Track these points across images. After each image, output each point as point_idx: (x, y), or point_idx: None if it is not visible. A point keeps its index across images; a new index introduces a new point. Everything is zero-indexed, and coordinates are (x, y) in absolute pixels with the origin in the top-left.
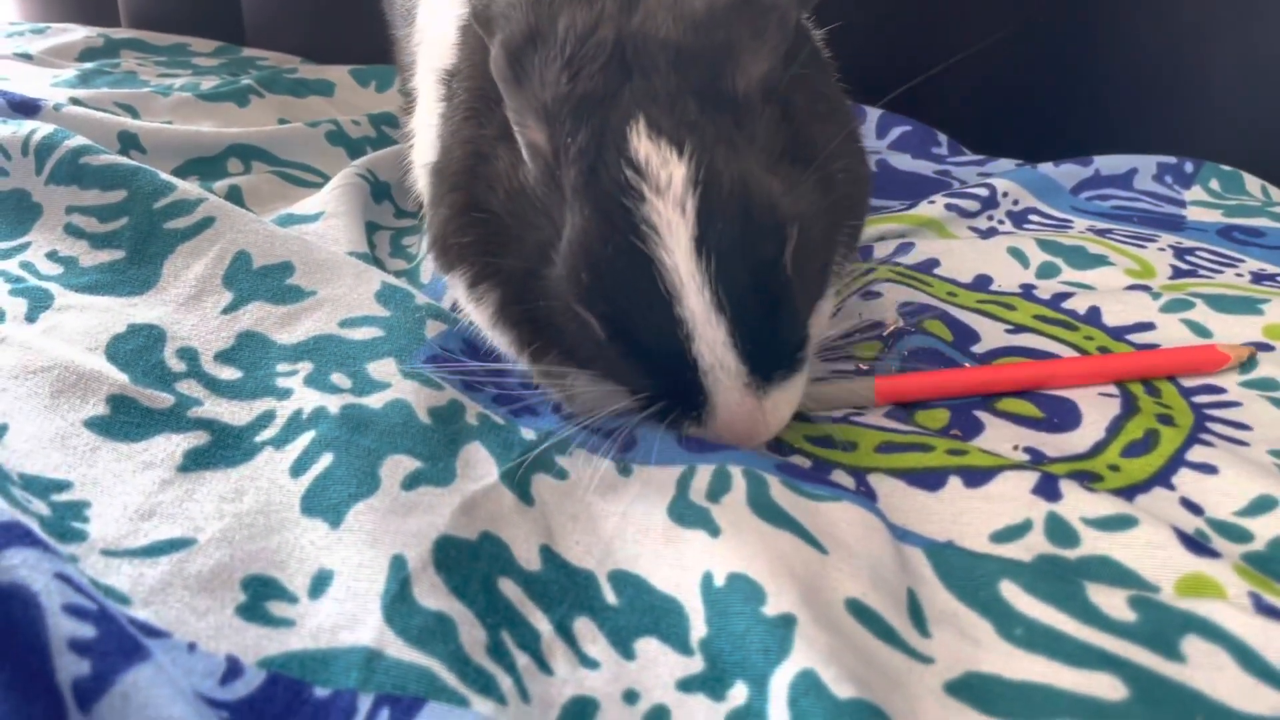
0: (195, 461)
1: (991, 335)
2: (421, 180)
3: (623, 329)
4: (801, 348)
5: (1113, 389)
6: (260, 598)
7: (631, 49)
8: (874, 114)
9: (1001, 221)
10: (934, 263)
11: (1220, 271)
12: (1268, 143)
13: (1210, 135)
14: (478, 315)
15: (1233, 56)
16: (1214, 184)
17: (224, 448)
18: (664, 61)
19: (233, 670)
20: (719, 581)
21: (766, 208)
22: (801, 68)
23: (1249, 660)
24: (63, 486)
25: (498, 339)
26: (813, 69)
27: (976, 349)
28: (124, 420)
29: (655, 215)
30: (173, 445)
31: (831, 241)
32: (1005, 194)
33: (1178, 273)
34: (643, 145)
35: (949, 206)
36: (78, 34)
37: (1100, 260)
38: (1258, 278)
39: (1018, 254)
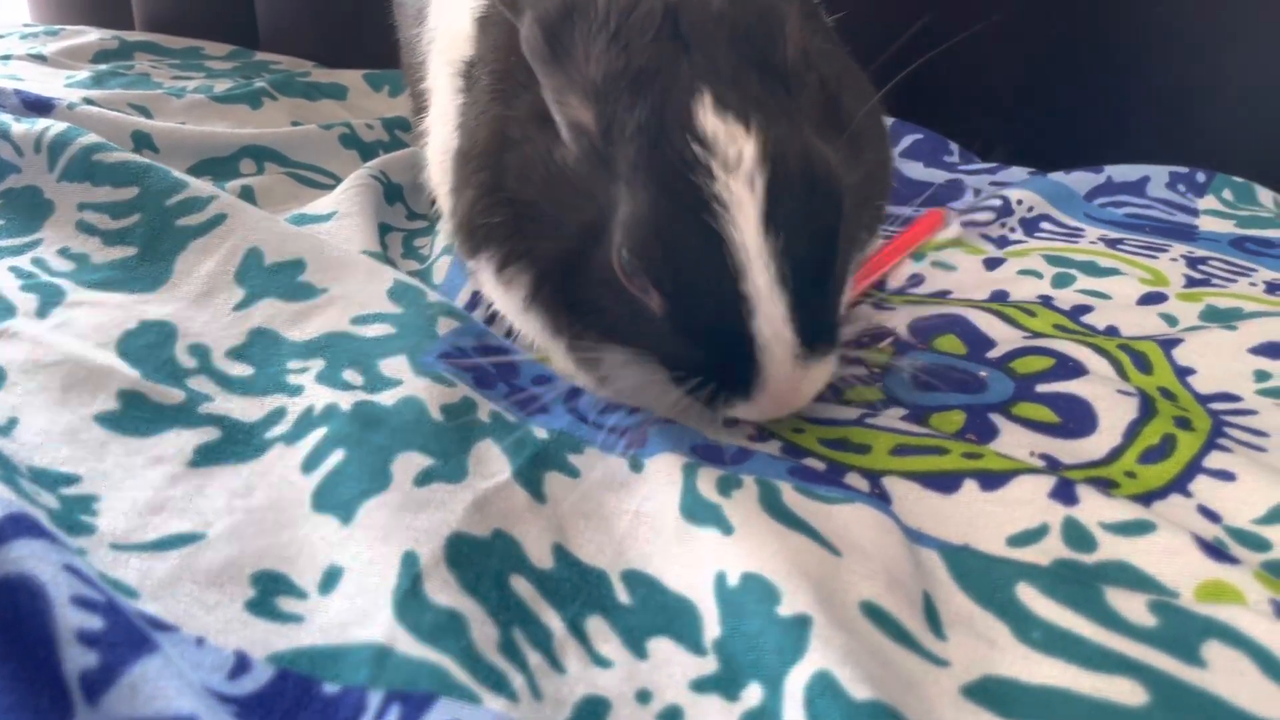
0: (205, 457)
1: (1008, 339)
2: (436, 174)
3: (682, 304)
4: (839, 326)
5: (1131, 389)
6: (270, 593)
7: (686, 22)
8: (885, 123)
9: (1013, 229)
10: (946, 292)
11: (1234, 281)
12: (1277, 155)
13: (1221, 148)
14: (506, 300)
15: (1243, 70)
16: (1227, 194)
17: (234, 443)
18: (721, 35)
19: (241, 665)
20: (732, 581)
21: (828, 179)
22: (824, 42)
23: (1271, 666)
24: (72, 480)
25: (529, 324)
26: (834, 44)
27: (992, 354)
28: (135, 415)
29: (725, 192)
30: (183, 441)
31: (860, 210)
32: (1020, 201)
33: (1191, 282)
34: (709, 121)
35: (964, 224)
36: (92, 36)
37: (1113, 271)
38: (1271, 288)
39: (1030, 272)
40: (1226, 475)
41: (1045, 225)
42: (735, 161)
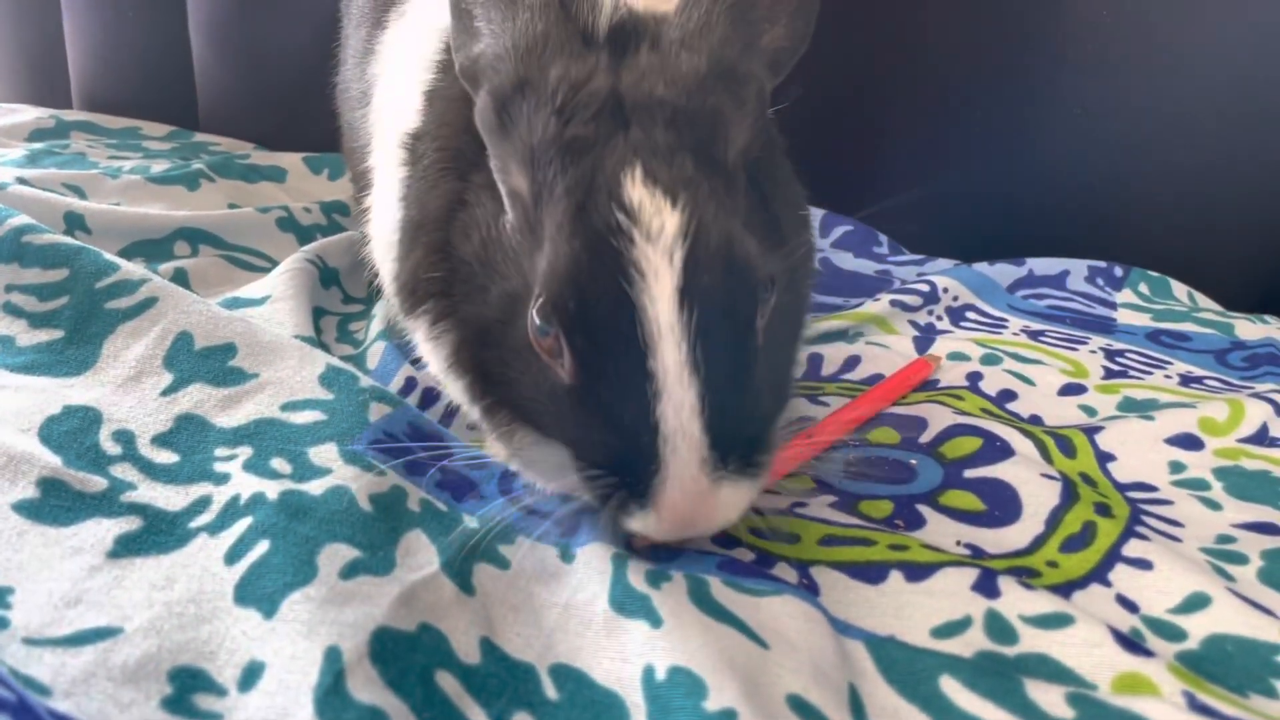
0: (126, 547)
1: (940, 419)
2: (379, 249)
3: (590, 369)
4: (764, 450)
5: (1054, 473)
6: (187, 690)
7: (630, 103)
8: (817, 213)
9: (940, 318)
10: (879, 376)
11: (1150, 373)
12: (1191, 251)
13: (1136, 244)
14: (434, 357)
15: (1158, 169)
16: (1143, 288)
17: (157, 533)
18: (662, 118)
19: None
20: (660, 675)
21: (747, 265)
22: (763, 150)
23: None
24: None
25: (451, 385)
26: (773, 152)
27: (924, 438)
28: (54, 504)
29: (644, 260)
30: (103, 530)
31: (794, 337)
32: (945, 289)
33: (1109, 374)
34: (637, 191)
35: (893, 303)
36: (28, 114)
37: (1036, 362)
38: (1185, 380)
39: (959, 356)
40: (1144, 564)
41: (970, 315)
42: (656, 232)
